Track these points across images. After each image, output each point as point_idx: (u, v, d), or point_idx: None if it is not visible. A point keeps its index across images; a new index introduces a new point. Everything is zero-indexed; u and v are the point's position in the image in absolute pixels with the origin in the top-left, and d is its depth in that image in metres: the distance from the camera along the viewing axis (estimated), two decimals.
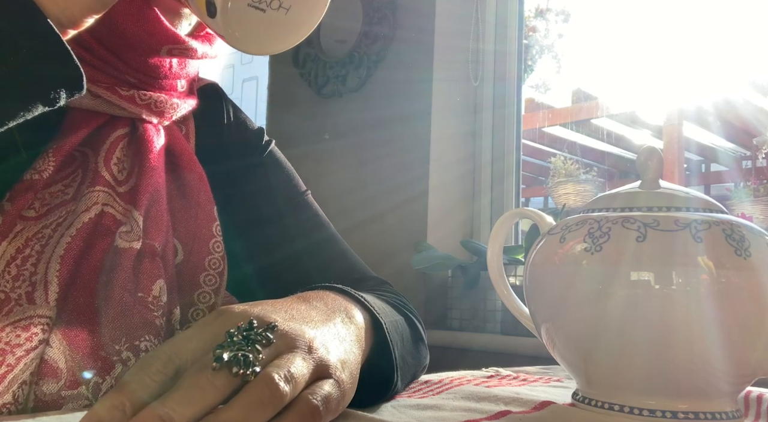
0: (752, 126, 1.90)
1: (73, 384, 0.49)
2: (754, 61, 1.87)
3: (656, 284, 0.46)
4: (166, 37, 0.55)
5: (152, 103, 0.59)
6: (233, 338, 0.35)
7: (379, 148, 1.94)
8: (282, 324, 0.38)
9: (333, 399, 0.36)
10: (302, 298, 0.46)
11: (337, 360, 0.39)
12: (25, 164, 0.53)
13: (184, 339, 0.35)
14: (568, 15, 2.09)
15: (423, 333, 0.63)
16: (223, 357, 0.33)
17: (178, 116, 0.63)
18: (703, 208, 0.50)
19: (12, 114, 0.40)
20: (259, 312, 0.38)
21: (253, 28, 0.45)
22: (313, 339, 0.38)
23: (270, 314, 0.39)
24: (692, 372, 0.47)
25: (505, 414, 0.48)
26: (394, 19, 1.91)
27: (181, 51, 0.58)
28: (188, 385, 0.32)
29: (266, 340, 0.36)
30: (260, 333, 0.36)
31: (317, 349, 0.38)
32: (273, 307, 0.40)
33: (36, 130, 0.52)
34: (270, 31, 0.46)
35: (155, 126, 0.61)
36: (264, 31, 0.46)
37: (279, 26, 0.46)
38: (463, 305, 1.76)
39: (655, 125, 1.99)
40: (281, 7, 0.45)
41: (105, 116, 0.57)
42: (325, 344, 0.39)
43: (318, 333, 0.40)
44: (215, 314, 0.38)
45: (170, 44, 0.56)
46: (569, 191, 2.10)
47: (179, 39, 0.56)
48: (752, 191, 1.83)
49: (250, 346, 0.35)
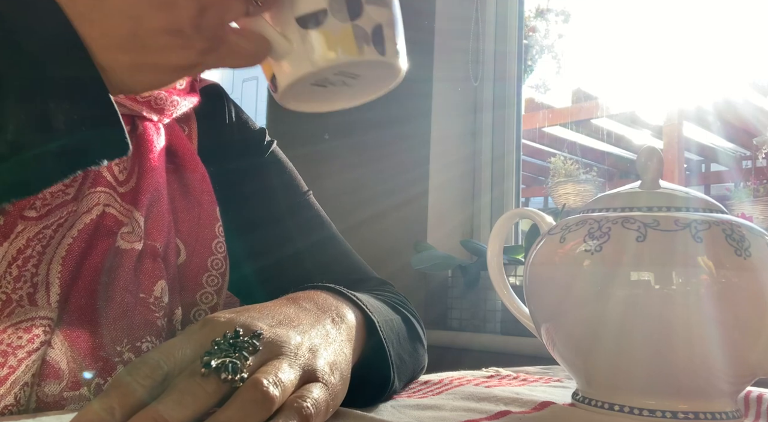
0: (752, 126, 1.90)
1: (74, 385, 0.49)
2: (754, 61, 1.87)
3: (656, 285, 0.46)
4: None
5: (152, 100, 0.58)
6: (220, 345, 0.36)
7: (379, 148, 1.94)
8: (268, 331, 0.38)
9: (321, 401, 0.37)
10: (292, 299, 0.46)
11: (325, 363, 0.40)
12: None
13: (172, 346, 0.36)
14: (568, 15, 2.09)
15: (421, 332, 0.63)
16: (211, 364, 0.34)
17: (178, 113, 0.63)
18: (703, 208, 0.50)
19: (50, 180, 0.40)
20: (244, 320, 0.39)
21: (311, 102, 0.46)
22: (300, 344, 0.39)
23: (256, 321, 0.39)
24: (692, 372, 0.47)
25: (505, 414, 0.48)
26: None
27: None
28: (181, 389, 0.33)
29: (253, 347, 0.36)
30: (247, 341, 0.37)
31: (304, 354, 0.39)
32: (260, 313, 0.41)
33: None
34: (328, 102, 0.46)
35: (155, 124, 0.61)
36: (321, 103, 0.46)
37: (338, 98, 0.46)
38: (463, 305, 1.76)
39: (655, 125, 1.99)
40: (344, 85, 0.45)
41: None
42: (313, 348, 0.40)
43: (305, 338, 0.40)
44: (201, 322, 0.38)
45: None
46: (569, 191, 2.10)
47: None
48: (752, 191, 1.83)
49: (237, 353, 0.36)
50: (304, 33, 0.40)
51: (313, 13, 0.40)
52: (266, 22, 0.41)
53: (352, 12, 0.41)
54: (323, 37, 0.40)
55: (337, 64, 0.41)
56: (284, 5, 0.41)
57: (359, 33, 0.41)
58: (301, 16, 0.40)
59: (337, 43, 0.40)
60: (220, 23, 0.39)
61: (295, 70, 0.41)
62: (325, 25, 0.40)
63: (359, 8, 0.41)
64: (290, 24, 0.41)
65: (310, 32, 0.40)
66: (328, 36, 0.40)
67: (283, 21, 0.41)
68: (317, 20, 0.40)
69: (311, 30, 0.40)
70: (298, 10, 0.41)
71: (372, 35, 0.41)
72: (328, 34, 0.40)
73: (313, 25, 0.40)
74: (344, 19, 0.40)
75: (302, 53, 0.41)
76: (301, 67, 0.41)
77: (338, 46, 0.40)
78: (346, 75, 0.43)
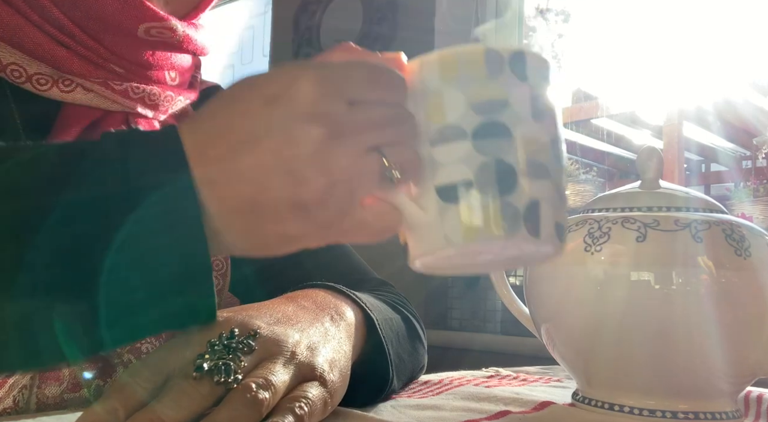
0: (752, 126, 1.90)
1: (74, 387, 0.49)
2: (754, 61, 1.87)
3: (656, 285, 0.46)
4: (143, 14, 0.54)
5: (146, 96, 0.58)
6: (215, 347, 0.36)
7: None
8: (265, 330, 0.38)
9: (318, 400, 0.37)
10: (291, 298, 0.46)
11: (324, 360, 0.40)
12: None
13: (170, 349, 0.37)
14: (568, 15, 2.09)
15: (421, 332, 0.63)
16: (203, 367, 0.35)
17: (175, 110, 0.62)
18: (703, 208, 0.50)
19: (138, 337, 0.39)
20: (242, 319, 0.39)
21: (447, 268, 0.43)
22: (298, 342, 0.39)
23: (254, 320, 0.39)
24: (692, 372, 0.47)
25: (505, 414, 0.48)
26: (394, 19, 1.91)
27: (160, 30, 0.56)
28: (176, 391, 0.34)
29: (248, 348, 0.37)
30: (242, 341, 0.37)
31: (301, 352, 0.39)
32: (258, 312, 0.41)
33: (38, 130, 0.52)
34: (465, 268, 0.43)
35: (150, 122, 0.60)
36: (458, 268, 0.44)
37: (478, 265, 0.41)
38: (463, 305, 1.76)
39: (655, 125, 1.99)
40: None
41: (98, 112, 0.57)
42: (312, 345, 0.40)
43: (303, 336, 0.40)
44: None
45: (147, 22, 0.55)
46: (569, 191, 2.10)
47: (157, 15, 0.55)
48: (752, 191, 1.83)
49: (231, 355, 0.36)
50: (443, 206, 0.34)
51: (454, 184, 0.34)
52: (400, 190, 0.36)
53: (503, 185, 0.34)
54: (464, 213, 0.34)
55: (478, 245, 0.35)
56: (425, 171, 0.35)
57: (509, 212, 0.34)
58: (441, 187, 0.34)
59: (480, 222, 0.34)
60: (348, 200, 0.34)
61: (428, 246, 0.36)
62: (467, 199, 0.34)
63: (513, 181, 0.34)
64: (428, 193, 0.35)
65: (450, 206, 0.34)
66: (471, 212, 0.34)
67: (421, 188, 0.35)
68: (459, 193, 0.34)
69: (451, 204, 0.34)
70: (438, 179, 0.35)
71: (525, 214, 0.34)
72: (471, 210, 0.34)
73: (454, 198, 0.34)
74: (492, 193, 0.34)
75: (438, 229, 0.35)
76: (435, 244, 0.35)
77: (481, 224, 0.34)
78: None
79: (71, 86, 0.53)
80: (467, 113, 0.34)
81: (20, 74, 0.52)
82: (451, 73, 0.35)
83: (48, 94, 0.53)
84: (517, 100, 0.35)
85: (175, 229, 0.33)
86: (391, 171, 0.34)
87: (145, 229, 0.32)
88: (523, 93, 0.35)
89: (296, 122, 0.33)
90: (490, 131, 0.34)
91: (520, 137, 0.34)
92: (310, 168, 0.33)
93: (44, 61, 0.53)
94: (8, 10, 0.52)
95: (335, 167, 0.33)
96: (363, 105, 0.34)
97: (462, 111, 0.35)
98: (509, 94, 0.35)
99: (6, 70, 0.51)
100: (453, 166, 0.34)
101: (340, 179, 0.33)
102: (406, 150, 0.35)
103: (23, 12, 0.52)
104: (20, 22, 0.52)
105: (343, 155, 0.33)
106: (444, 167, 0.35)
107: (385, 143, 0.34)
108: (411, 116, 0.35)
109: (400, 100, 0.35)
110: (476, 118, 0.34)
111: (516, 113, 0.35)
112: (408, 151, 0.35)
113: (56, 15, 0.52)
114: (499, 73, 0.35)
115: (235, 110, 0.34)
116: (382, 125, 0.34)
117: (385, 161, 0.34)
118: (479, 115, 0.34)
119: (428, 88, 0.35)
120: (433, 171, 0.35)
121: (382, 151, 0.34)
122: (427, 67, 0.36)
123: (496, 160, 0.34)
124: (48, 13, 0.52)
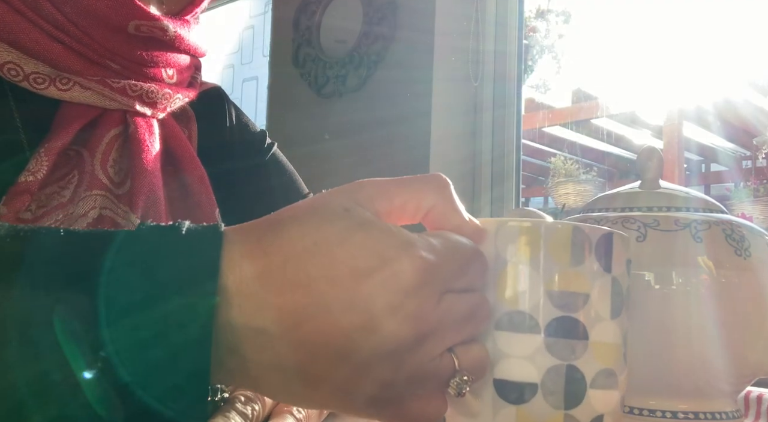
0: (752, 126, 1.90)
1: None
2: (754, 61, 1.87)
3: (656, 284, 0.46)
4: (132, 11, 0.54)
5: (143, 93, 0.58)
6: None
7: (379, 148, 1.94)
8: None
9: None
10: None
11: None
12: (22, 164, 0.53)
13: None
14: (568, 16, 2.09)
15: None
16: None
17: (173, 107, 0.62)
18: (703, 208, 0.50)
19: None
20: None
21: None
22: None
23: None
24: (692, 372, 0.47)
25: None
26: (394, 19, 1.91)
27: (150, 28, 0.56)
28: None
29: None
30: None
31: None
32: None
33: (37, 129, 0.52)
34: None
35: (148, 121, 0.60)
36: None
37: None
38: None
39: (655, 125, 1.99)
40: None
41: (96, 110, 0.57)
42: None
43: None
44: None
45: (138, 19, 0.55)
46: (569, 191, 2.10)
47: (147, 14, 0.55)
48: (752, 191, 1.83)
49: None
50: (500, 404, 0.31)
51: (516, 383, 0.31)
52: None
53: (570, 398, 0.30)
54: (521, 418, 0.30)
55: None
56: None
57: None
58: (501, 382, 0.31)
59: None
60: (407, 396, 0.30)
61: None
62: (528, 405, 0.30)
63: (581, 394, 0.31)
64: (486, 384, 0.31)
65: (507, 406, 0.31)
66: (528, 420, 0.30)
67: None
68: (521, 395, 0.31)
69: (509, 404, 0.31)
70: (499, 371, 0.31)
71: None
72: (529, 417, 0.30)
73: (513, 398, 0.31)
74: (556, 404, 0.30)
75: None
76: None
77: None
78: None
79: (69, 85, 0.53)
80: (544, 303, 0.31)
81: (17, 73, 0.52)
82: (532, 249, 0.31)
83: (45, 93, 0.53)
84: (598, 296, 0.31)
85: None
86: (462, 385, 0.30)
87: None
88: (605, 286, 0.32)
89: (385, 313, 0.28)
90: (566, 329, 0.30)
91: (596, 341, 0.31)
92: (383, 365, 0.28)
93: (41, 59, 0.52)
94: (4, 7, 0.52)
95: (408, 367, 0.29)
96: (450, 298, 0.29)
97: (538, 299, 0.31)
98: (592, 287, 0.31)
99: (3, 69, 0.51)
100: (518, 361, 0.30)
101: (406, 377, 0.29)
102: (476, 348, 0.31)
103: (19, 9, 0.52)
104: (16, 19, 0.51)
105: (421, 356, 0.29)
106: (507, 359, 0.31)
107: (461, 341, 0.30)
108: (491, 310, 0.31)
109: (483, 287, 0.31)
110: (553, 311, 0.30)
111: (596, 311, 0.31)
112: (478, 349, 0.31)
113: (50, 10, 0.52)
114: (583, 259, 0.31)
115: (316, 263, 0.29)
116: (465, 321, 0.30)
117: (456, 364, 0.30)
118: (557, 308, 0.31)
119: (502, 259, 0.31)
120: (494, 360, 0.31)
121: (454, 350, 0.30)
122: (504, 235, 0.32)
123: (568, 366, 0.30)
124: (42, 9, 0.52)
